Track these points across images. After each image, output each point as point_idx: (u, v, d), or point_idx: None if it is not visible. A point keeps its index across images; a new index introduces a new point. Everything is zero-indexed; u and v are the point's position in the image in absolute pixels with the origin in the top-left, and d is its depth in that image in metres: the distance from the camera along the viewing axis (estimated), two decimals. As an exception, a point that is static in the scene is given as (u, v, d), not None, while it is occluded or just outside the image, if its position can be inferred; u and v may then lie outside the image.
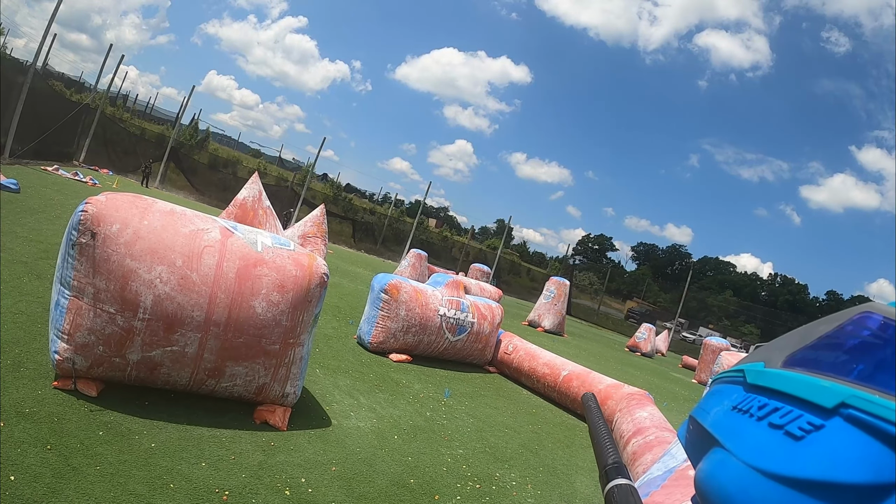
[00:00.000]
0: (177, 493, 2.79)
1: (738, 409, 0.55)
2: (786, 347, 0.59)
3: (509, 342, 8.77)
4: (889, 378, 0.45)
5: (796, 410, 0.48)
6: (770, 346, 0.62)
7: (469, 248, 48.00)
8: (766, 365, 0.57)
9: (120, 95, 47.90)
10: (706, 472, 0.53)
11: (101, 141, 30.14)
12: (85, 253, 3.35)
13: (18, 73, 18.95)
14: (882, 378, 0.45)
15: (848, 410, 0.44)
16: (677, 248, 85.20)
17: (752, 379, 0.57)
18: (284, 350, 3.97)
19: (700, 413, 0.62)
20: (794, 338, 0.60)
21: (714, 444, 0.55)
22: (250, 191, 9.94)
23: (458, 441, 4.97)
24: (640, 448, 4.77)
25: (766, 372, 0.56)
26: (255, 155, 57.64)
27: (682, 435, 0.67)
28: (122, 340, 3.40)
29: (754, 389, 0.56)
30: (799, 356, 0.55)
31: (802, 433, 0.46)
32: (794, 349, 0.57)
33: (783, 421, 0.48)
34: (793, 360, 0.55)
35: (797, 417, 0.47)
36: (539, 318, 18.98)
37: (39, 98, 20.79)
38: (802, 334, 0.60)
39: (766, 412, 0.51)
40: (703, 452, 0.57)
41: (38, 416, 3.04)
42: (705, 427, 0.58)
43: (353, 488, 3.48)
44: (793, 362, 0.55)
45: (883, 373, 0.46)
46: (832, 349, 0.54)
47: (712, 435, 0.56)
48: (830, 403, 0.45)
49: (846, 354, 0.51)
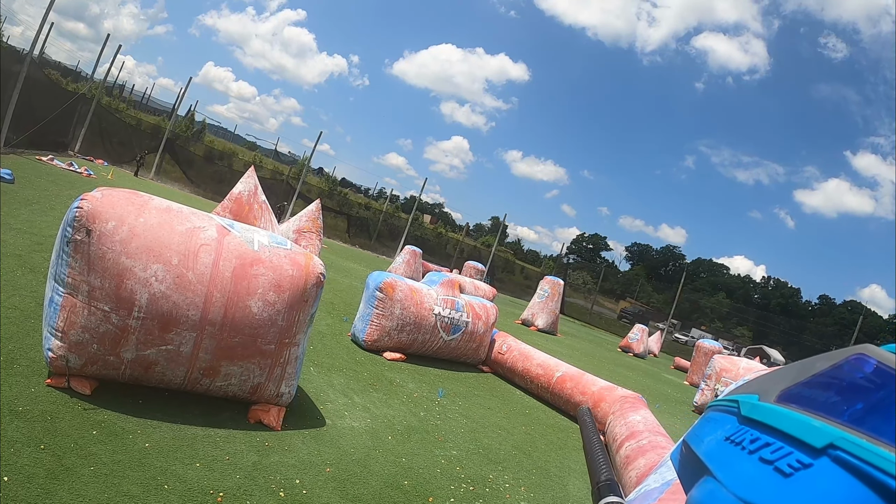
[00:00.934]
0: (171, 495, 2.78)
1: (731, 440, 0.56)
2: (780, 381, 0.59)
3: (503, 342, 8.78)
4: (879, 423, 0.45)
5: (787, 447, 0.49)
6: (765, 379, 0.63)
7: (464, 245, 48.00)
8: (760, 398, 0.58)
9: (116, 85, 47.63)
10: (697, 500, 0.54)
11: (96, 131, 29.94)
12: (80, 250, 3.32)
13: (15, 61, 18.79)
14: (872, 422, 0.45)
15: (836, 452, 0.44)
16: (671, 248, 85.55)
17: (746, 412, 0.57)
18: (280, 350, 3.96)
19: (694, 439, 0.62)
20: (789, 373, 0.61)
21: (706, 472, 0.56)
22: (246, 185, 9.88)
23: (452, 442, 4.97)
24: (632, 452, 4.79)
25: (760, 406, 0.56)
26: (251, 148, 57.35)
27: (674, 457, 0.67)
28: (116, 339, 3.38)
29: (748, 422, 0.56)
30: (793, 392, 0.56)
31: (791, 470, 0.46)
32: (789, 385, 0.58)
33: (773, 457, 0.49)
34: (787, 396, 0.56)
35: (787, 454, 0.48)
36: (533, 316, 19.02)
37: (35, 87, 20.62)
38: (798, 370, 0.61)
39: (758, 446, 0.52)
40: (694, 479, 0.58)
41: (32, 414, 3.02)
42: (698, 455, 0.58)
43: (347, 490, 3.48)
44: (786, 398, 0.55)
45: (873, 417, 0.46)
46: (825, 388, 0.54)
47: (704, 464, 0.56)
48: (820, 444, 0.46)
49: (838, 395, 0.52)
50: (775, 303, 68.35)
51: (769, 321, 54.24)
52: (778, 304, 67.70)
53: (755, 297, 73.14)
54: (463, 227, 59.30)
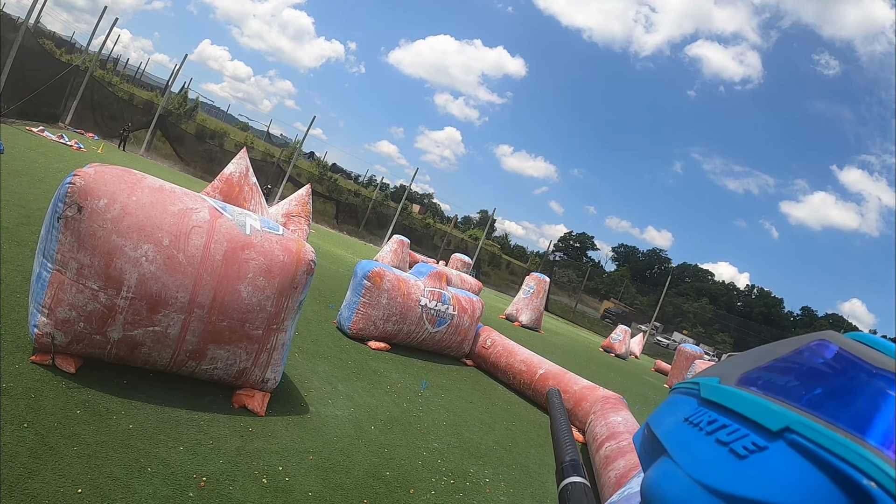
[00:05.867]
0: (154, 478, 2.77)
1: (689, 421, 0.57)
2: (742, 365, 0.60)
3: (488, 337, 8.81)
4: (836, 409, 0.46)
5: (743, 429, 0.50)
6: (727, 363, 0.64)
7: (451, 237, 48.04)
8: (720, 380, 0.59)
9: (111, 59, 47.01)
10: (652, 480, 0.55)
11: (88, 104, 29.54)
12: (70, 226, 3.28)
13: (10, 29, 18.47)
14: (830, 408, 0.46)
15: (792, 436, 0.45)
16: (657, 252, 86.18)
17: (706, 393, 0.58)
18: (267, 335, 3.95)
19: (655, 421, 0.63)
20: (752, 357, 0.62)
21: (663, 453, 0.56)
22: (237, 166, 9.81)
23: (434, 434, 4.99)
24: (612, 453, 4.83)
25: (720, 388, 0.57)
26: (244, 128, 56.85)
27: (637, 440, 0.68)
28: (103, 318, 3.35)
29: (707, 404, 0.57)
30: (753, 375, 0.57)
31: (746, 452, 0.47)
32: (750, 368, 0.59)
33: (729, 438, 0.50)
34: (747, 379, 0.56)
35: (743, 437, 0.49)
36: (517, 312, 19.10)
37: (29, 56, 20.30)
38: (760, 354, 0.61)
39: (715, 428, 0.52)
40: (653, 460, 0.59)
41: (15, 391, 2.99)
42: (657, 435, 0.59)
43: (329, 479, 3.49)
44: (746, 381, 0.56)
45: (831, 403, 0.47)
46: (785, 373, 0.55)
47: (662, 444, 0.57)
48: (776, 427, 0.47)
49: (798, 380, 0.53)
50: (758, 311, 69.14)
51: (751, 329, 54.81)
52: (760, 312, 68.49)
53: (738, 304, 73.91)
54: (451, 219, 59.30)
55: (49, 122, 23.20)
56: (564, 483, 0.90)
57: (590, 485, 0.89)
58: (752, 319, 61.69)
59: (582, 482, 0.90)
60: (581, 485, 0.90)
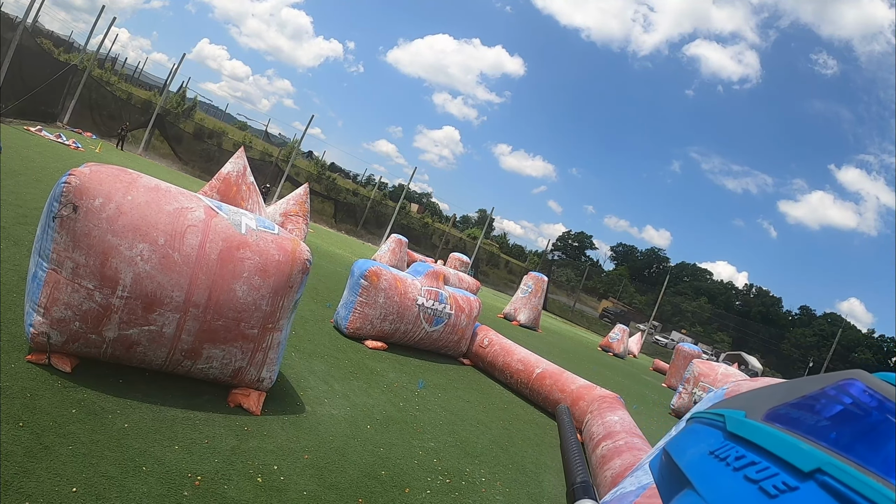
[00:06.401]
0: (149, 477, 2.78)
1: (715, 455, 0.56)
2: (768, 400, 0.60)
3: (485, 336, 8.82)
4: (867, 452, 0.46)
5: (773, 468, 0.49)
6: (752, 395, 0.63)
7: (449, 236, 48.03)
8: (747, 415, 0.58)
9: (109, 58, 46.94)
10: None
11: (86, 103, 29.51)
12: (66, 226, 3.28)
13: (8, 29, 18.45)
14: (860, 450, 0.46)
15: (824, 477, 0.45)
16: (656, 251, 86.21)
17: (733, 427, 0.58)
18: (263, 335, 3.96)
19: (675, 450, 0.62)
20: (779, 392, 0.61)
21: (687, 485, 0.56)
22: (235, 165, 9.77)
23: (430, 434, 5.00)
24: (608, 452, 4.84)
25: (747, 423, 0.57)
26: (242, 127, 56.79)
27: (654, 466, 0.67)
28: (99, 317, 3.35)
29: (734, 438, 0.56)
30: (781, 412, 0.56)
31: (777, 492, 0.47)
32: (777, 403, 0.58)
33: (759, 476, 0.49)
34: (774, 415, 0.56)
35: (773, 475, 0.49)
36: (515, 311, 19.11)
37: (27, 56, 20.27)
38: (787, 389, 0.61)
39: (743, 464, 0.52)
40: (674, 490, 0.58)
41: (11, 391, 2.99)
42: (680, 466, 0.59)
43: (324, 478, 3.50)
44: (774, 417, 0.56)
45: (862, 445, 0.47)
46: (814, 411, 0.55)
47: (686, 476, 0.57)
48: (808, 468, 0.47)
49: (827, 419, 0.52)
50: (756, 311, 69.13)
51: (749, 328, 54.90)
52: (759, 312, 68.49)
53: (737, 303, 73.95)
54: (450, 218, 59.28)
55: (47, 122, 23.17)
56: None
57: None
58: (751, 319, 61.75)
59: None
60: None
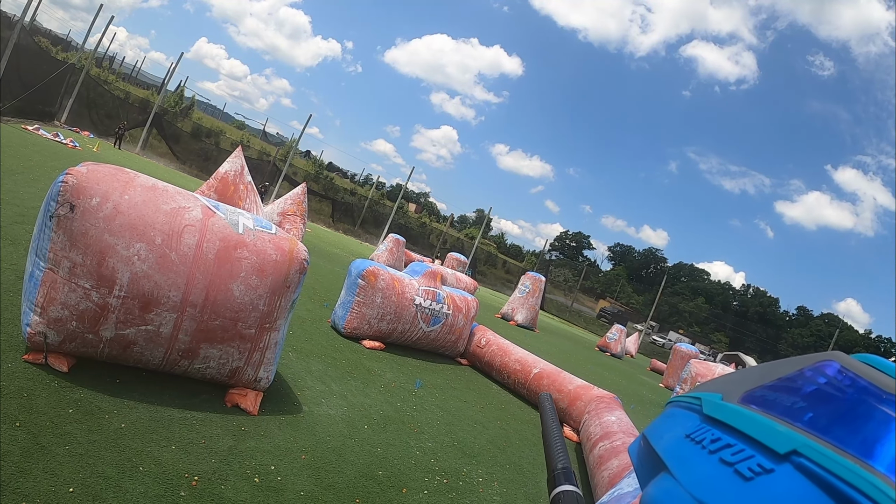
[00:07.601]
0: (146, 477, 2.77)
1: (691, 438, 0.56)
2: (745, 382, 0.59)
3: (482, 336, 8.82)
4: (843, 432, 0.46)
5: (748, 450, 0.49)
6: (729, 379, 0.63)
7: (447, 236, 48.01)
8: (723, 398, 0.58)
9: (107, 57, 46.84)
10: (652, 497, 0.54)
11: (84, 102, 29.45)
12: (63, 225, 3.28)
13: (6, 27, 18.40)
14: (836, 431, 0.46)
15: (800, 459, 0.45)
16: (653, 251, 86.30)
17: (709, 410, 0.57)
18: (260, 334, 3.95)
19: (653, 434, 0.62)
20: (755, 374, 0.61)
21: (663, 469, 0.56)
22: (232, 165, 9.77)
23: (427, 434, 5.00)
24: (606, 452, 4.85)
25: (724, 406, 0.56)
26: (240, 126, 56.76)
27: (633, 451, 0.67)
28: (96, 317, 3.35)
29: (710, 421, 0.56)
30: (757, 394, 0.56)
31: (752, 474, 0.47)
32: (753, 386, 0.58)
33: (734, 459, 0.49)
34: (750, 398, 0.56)
35: (748, 458, 0.48)
36: (512, 311, 19.12)
37: (24, 54, 20.22)
38: (764, 372, 0.61)
39: (719, 447, 0.52)
40: (651, 475, 0.58)
41: (8, 390, 2.99)
42: (657, 450, 0.59)
43: (321, 478, 3.49)
44: (750, 399, 0.55)
45: (838, 426, 0.47)
46: (791, 392, 0.54)
47: (662, 460, 0.57)
48: (783, 449, 0.46)
49: (803, 401, 0.52)
50: (753, 311, 69.25)
51: (746, 329, 55.02)
52: (756, 312, 68.60)
53: (734, 303, 74.05)
54: (447, 218, 59.26)
55: (45, 121, 23.12)
56: (557, 491, 0.90)
57: (581, 494, 0.89)
58: (748, 319, 61.90)
59: (575, 491, 0.90)
60: (573, 493, 0.89)
